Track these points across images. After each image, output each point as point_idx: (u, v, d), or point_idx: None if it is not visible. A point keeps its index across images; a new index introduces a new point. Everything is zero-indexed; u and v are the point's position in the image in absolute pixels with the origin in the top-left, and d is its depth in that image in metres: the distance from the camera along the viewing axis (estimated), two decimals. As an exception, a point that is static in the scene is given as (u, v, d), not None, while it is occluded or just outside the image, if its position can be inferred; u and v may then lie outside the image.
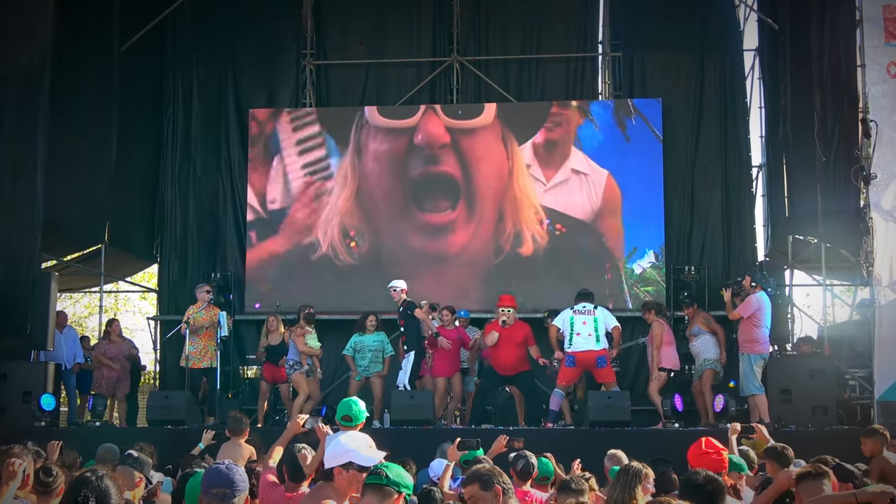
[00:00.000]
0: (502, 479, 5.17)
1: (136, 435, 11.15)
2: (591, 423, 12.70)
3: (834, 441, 11.29)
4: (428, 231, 17.65)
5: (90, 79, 16.25)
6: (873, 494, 4.79)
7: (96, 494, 4.05)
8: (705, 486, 4.92)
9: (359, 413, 7.63)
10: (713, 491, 4.87)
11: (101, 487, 4.07)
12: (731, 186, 17.61)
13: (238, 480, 4.44)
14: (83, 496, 4.02)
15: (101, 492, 4.07)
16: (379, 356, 14.19)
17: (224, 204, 18.53)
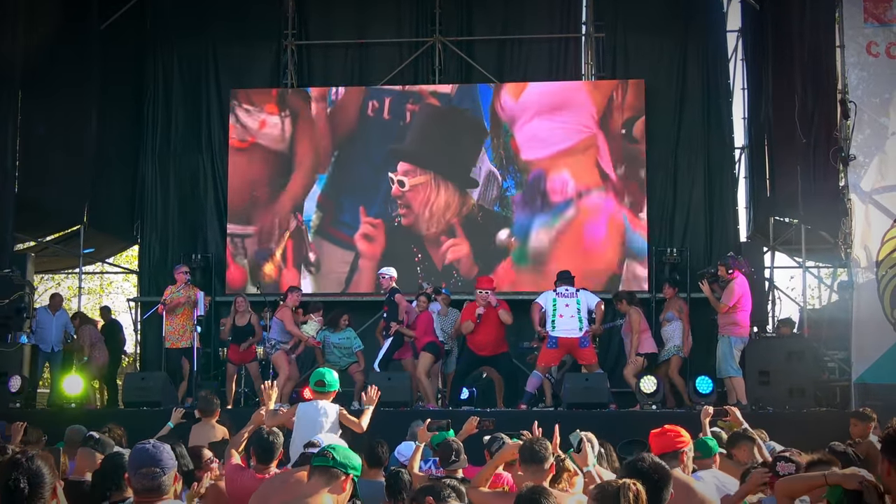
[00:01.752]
0: (436, 489, 5.20)
1: (110, 417, 11.07)
2: (568, 404, 12.68)
3: (812, 423, 11.32)
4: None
5: (68, 57, 16.07)
6: (843, 476, 4.74)
7: (28, 476, 3.96)
8: (650, 472, 4.84)
9: (332, 381, 7.62)
10: (658, 479, 4.82)
11: (31, 469, 3.98)
12: (714, 168, 17.54)
13: (166, 458, 4.40)
14: (13, 479, 3.93)
15: (33, 473, 3.98)
16: (347, 352, 14.33)
17: (205, 184, 18.43)
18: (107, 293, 29.60)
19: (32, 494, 3.94)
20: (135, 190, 18.74)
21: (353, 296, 17.28)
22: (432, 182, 17.40)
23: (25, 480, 3.94)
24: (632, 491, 4.14)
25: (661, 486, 4.72)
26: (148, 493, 4.39)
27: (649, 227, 17.08)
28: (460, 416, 9.70)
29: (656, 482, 4.70)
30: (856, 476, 4.64)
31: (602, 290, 15.99)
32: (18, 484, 3.92)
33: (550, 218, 17.14)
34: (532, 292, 15.79)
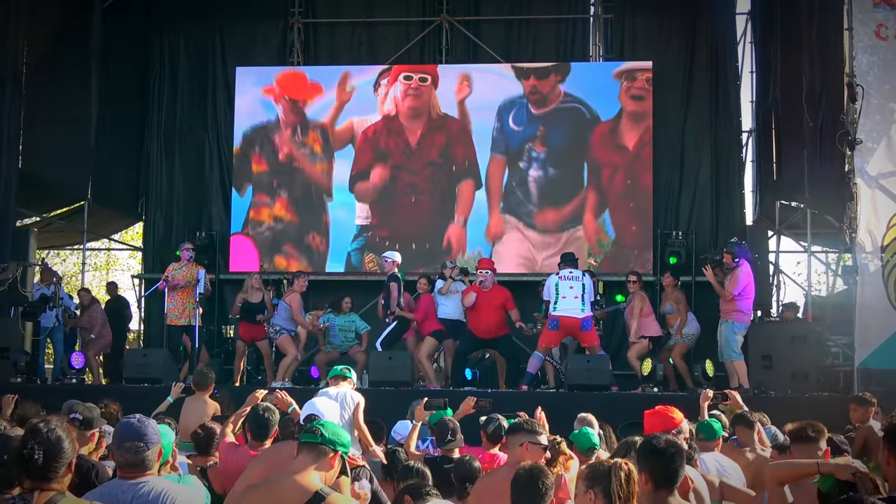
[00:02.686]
0: (412, 487, 5.20)
1: (110, 392, 11.07)
2: (569, 386, 12.64)
3: (814, 408, 11.24)
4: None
5: (72, 34, 16.05)
6: (836, 466, 4.70)
7: (45, 447, 3.89)
8: (667, 448, 4.82)
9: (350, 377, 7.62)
10: (674, 453, 4.79)
11: (50, 439, 3.91)
12: (721, 151, 17.46)
13: (150, 433, 4.37)
14: (29, 448, 3.87)
15: (51, 444, 3.90)
16: (350, 335, 14.26)
17: (210, 162, 18.41)
18: (112, 270, 29.64)
19: (46, 466, 3.88)
20: (140, 167, 18.73)
21: (360, 275, 17.28)
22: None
23: (41, 451, 3.87)
24: (623, 471, 4.12)
25: (677, 462, 4.69)
26: (131, 467, 4.36)
27: (655, 210, 17.01)
28: (459, 396, 9.69)
29: (672, 457, 4.67)
30: (849, 467, 4.60)
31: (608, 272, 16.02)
32: (33, 453, 3.86)
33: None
34: (534, 273, 15.85)
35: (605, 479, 4.10)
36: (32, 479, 3.88)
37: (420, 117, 17.48)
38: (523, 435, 5.87)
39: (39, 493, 3.86)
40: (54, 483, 3.91)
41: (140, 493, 4.28)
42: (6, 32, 14.30)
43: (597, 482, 4.12)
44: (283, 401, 6.97)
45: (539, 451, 5.79)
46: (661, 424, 6.10)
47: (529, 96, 17.30)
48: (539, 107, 17.31)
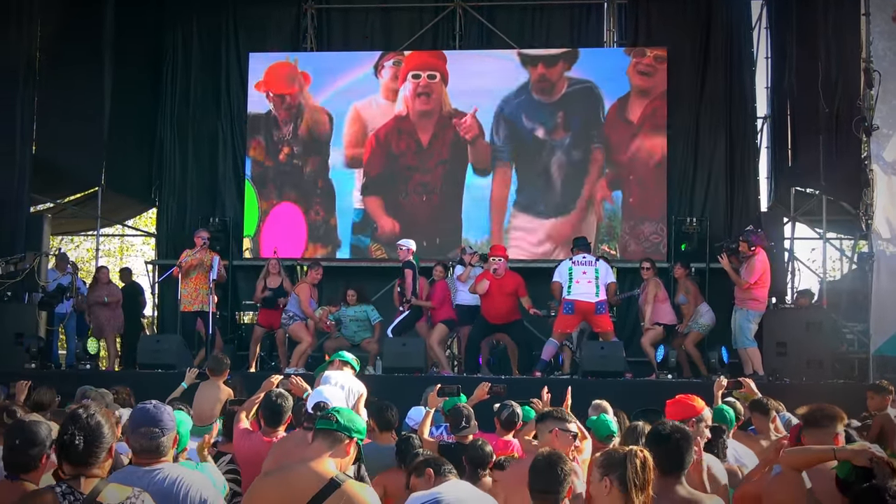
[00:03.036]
0: (435, 462, 5.34)
1: (123, 378, 11.09)
2: (583, 372, 12.62)
3: (829, 395, 11.19)
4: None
5: (85, 21, 16.04)
6: (852, 452, 4.66)
7: (85, 433, 3.90)
8: (672, 434, 4.81)
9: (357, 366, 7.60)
10: (680, 439, 4.77)
11: (90, 425, 3.92)
12: (736, 137, 17.36)
13: (166, 420, 4.36)
14: (70, 434, 3.88)
15: (91, 430, 3.91)
16: (363, 325, 14.24)
17: (224, 148, 18.39)
18: (125, 255, 29.69)
19: (86, 452, 3.89)
20: (153, 153, 18.73)
21: (372, 262, 17.30)
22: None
23: (81, 437, 3.88)
24: (639, 458, 4.09)
25: (683, 448, 4.68)
26: (147, 453, 4.35)
27: (669, 197, 16.95)
28: (472, 382, 9.67)
29: (678, 442, 4.66)
30: (866, 452, 4.56)
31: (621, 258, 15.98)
32: (74, 439, 3.86)
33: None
34: (546, 260, 15.82)
35: (621, 467, 4.07)
36: (73, 466, 3.89)
37: (431, 116, 17.44)
38: (552, 422, 5.85)
39: (84, 479, 3.87)
40: (95, 469, 3.92)
41: (155, 480, 4.27)
42: (20, 20, 14.30)
43: (612, 469, 4.09)
44: (298, 386, 6.96)
45: (568, 438, 5.77)
46: (682, 412, 6.08)
47: (536, 84, 17.22)
48: (546, 95, 17.23)
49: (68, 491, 3.81)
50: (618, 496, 4.05)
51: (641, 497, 4.04)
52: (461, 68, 17.49)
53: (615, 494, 4.06)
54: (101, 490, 3.85)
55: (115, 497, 3.87)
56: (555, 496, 4.43)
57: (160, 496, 4.21)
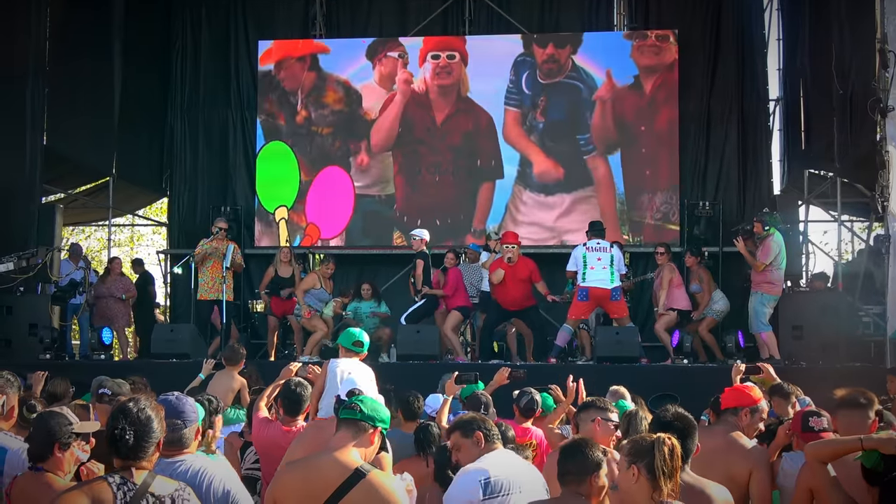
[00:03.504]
0: (485, 426, 5.08)
1: (138, 368, 11.08)
2: (598, 358, 12.58)
3: (845, 378, 11.12)
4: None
5: (94, 10, 16.05)
6: (879, 441, 4.63)
7: (135, 427, 3.87)
8: (673, 423, 4.79)
9: (367, 344, 7.57)
10: (683, 428, 4.75)
11: (140, 419, 3.89)
12: (748, 120, 17.22)
13: (188, 411, 4.34)
14: (121, 429, 3.84)
15: (141, 424, 3.88)
16: (378, 320, 14.31)
17: (234, 136, 18.35)
18: (136, 246, 29.72)
19: (136, 446, 3.87)
20: (164, 142, 18.71)
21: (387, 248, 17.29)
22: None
23: (132, 431, 3.85)
24: (667, 445, 4.07)
25: (685, 435, 4.66)
26: (168, 445, 4.33)
27: (681, 181, 16.87)
28: (489, 369, 9.64)
29: (681, 431, 4.64)
30: (893, 441, 4.52)
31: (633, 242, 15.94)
32: (124, 434, 3.84)
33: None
34: (560, 246, 15.77)
35: (649, 455, 4.05)
36: (122, 459, 3.87)
37: (448, 96, 17.35)
38: (595, 411, 5.83)
39: (135, 470, 3.86)
40: (144, 462, 3.90)
41: (178, 472, 4.26)
42: (29, 10, 14.27)
43: (640, 457, 4.07)
44: (316, 374, 6.92)
45: (610, 428, 5.75)
46: (736, 400, 6.03)
47: (542, 65, 17.16)
48: (551, 77, 17.18)
49: (122, 482, 3.81)
50: (646, 484, 4.04)
51: (670, 484, 4.03)
52: (479, 52, 17.47)
53: (643, 482, 4.04)
54: (150, 482, 3.85)
55: (164, 489, 3.87)
56: (583, 481, 4.41)
57: (183, 487, 4.21)
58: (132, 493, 3.79)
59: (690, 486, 4.55)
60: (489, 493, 4.79)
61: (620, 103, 17.00)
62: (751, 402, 6.11)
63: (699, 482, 4.63)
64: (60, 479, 4.58)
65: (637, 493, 4.07)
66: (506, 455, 5.10)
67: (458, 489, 4.88)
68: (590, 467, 4.41)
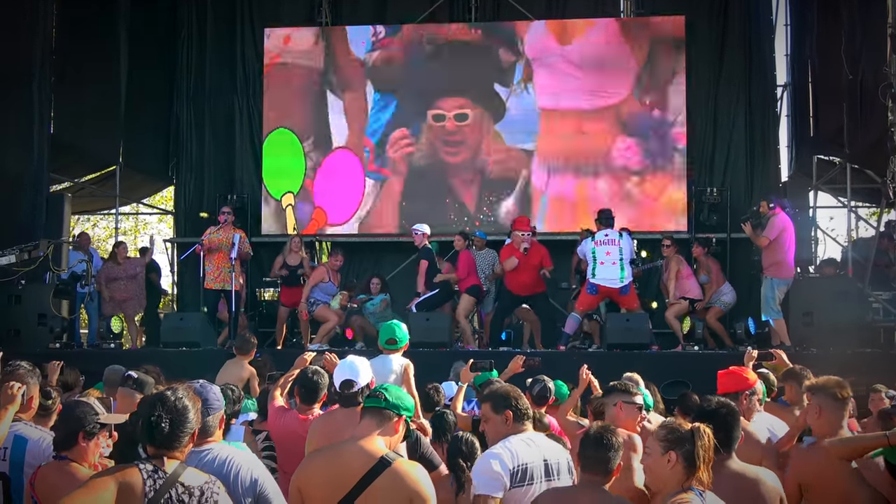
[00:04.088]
0: (518, 404, 5.04)
1: (148, 357, 11.07)
2: (608, 345, 12.54)
3: (856, 364, 11.12)
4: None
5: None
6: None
7: (171, 415, 3.85)
8: (718, 410, 4.79)
9: (403, 337, 7.53)
10: (726, 415, 4.75)
11: (177, 408, 3.87)
12: (756, 106, 17.19)
13: (212, 399, 4.33)
14: (157, 416, 3.82)
15: (178, 412, 3.87)
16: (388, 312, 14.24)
17: (240, 124, 18.34)
18: (142, 234, 29.70)
19: (171, 435, 3.85)
20: (170, 130, 18.69)
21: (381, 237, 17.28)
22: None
23: (168, 420, 3.84)
24: (707, 435, 4.10)
25: (730, 423, 4.66)
26: None
27: (689, 167, 16.82)
28: (502, 356, 9.64)
29: (725, 418, 4.65)
30: None
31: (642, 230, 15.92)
32: (161, 421, 3.82)
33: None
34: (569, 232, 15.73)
35: (689, 443, 4.09)
36: (157, 448, 3.85)
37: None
38: (617, 395, 5.84)
39: (167, 459, 3.84)
40: (177, 452, 3.88)
41: (205, 461, 4.25)
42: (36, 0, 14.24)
43: (678, 445, 4.11)
44: (332, 363, 6.90)
45: (634, 410, 5.76)
46: (735, 384, 6.06)
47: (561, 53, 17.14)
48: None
49: (153, 470, 3.79)
50: (681, 471, 4.07)
51: (706, 474, 4.05)
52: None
53: (678, 469, 4.07)
54: (181, 473, 3.83)
55: (195, 480, 3.85)
56: (604, 469, 4.41)
57: (210, 475, 4.20)
58: (162, 482, 3.77)
59: (737, 474, 4.57)
60: (514, 483, 4.77)
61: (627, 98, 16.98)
62: (748, 386, 6.12)
63: (746, 469, 4.65)
64: (84, 468, 4.58)
65: (670, 479, 4.12)
66: (538, 438, 5.06)
67: (487, 472, 4.82)
68: (608, 455, 4.41)
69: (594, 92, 16.95)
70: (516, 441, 4.90)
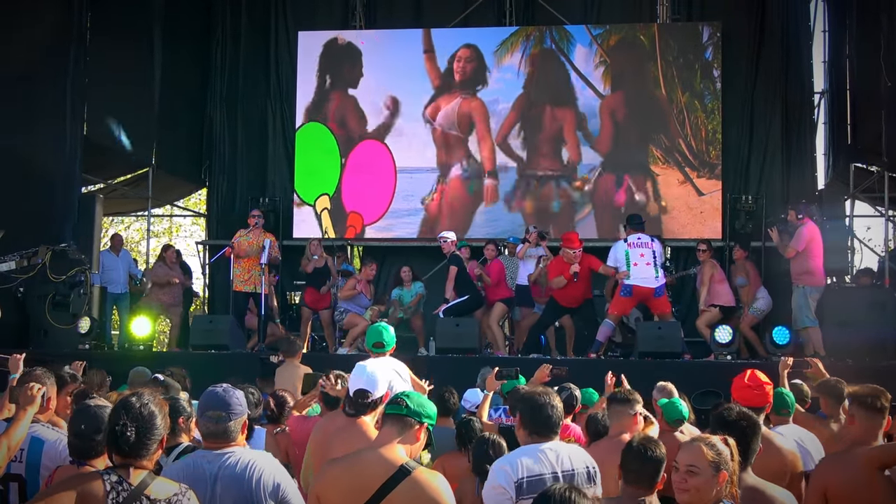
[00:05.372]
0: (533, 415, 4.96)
1: (177, 359, 11.06)
2: (640, 353, 12.39)
3: (892, 376, 10.93)
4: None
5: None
6: None
7: (137, 424, 3.73)
8: (738, 422, 4.68)
9: (390, 340, 7.45)
10: (746, 427, 4.64)
11: (143, 415, 3.76)
12: (792, 113, 16.99)
13: (234, 404, 4.27)
14: (122, 425, 3.71)
15: (144, 420, 3.76)
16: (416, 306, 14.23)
17: (274, 128, 18.36)
18: (175, 236, 29.82)
19: (138, 444, 3.74)
20: (203, 133, 18.72)
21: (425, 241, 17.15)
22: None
23: (133, 428, 3.73)
24: (733, 447, 4.02)
25: (750, 434, 4.56)
26: (213, 437, 4.26)
27: (724, 174, 16.66)
28: (529, 364, 9.54)
29: (744, 429, 4.56)
30: None
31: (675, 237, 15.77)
32: (125, 430, 3.71)
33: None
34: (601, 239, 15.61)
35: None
36: (123, 457, 3.75)
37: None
38: (617, 405, 5.78)
39: (133, 469, 3.74)
40: (145, 461, 3.78)
41: (226, 464, 4.21)
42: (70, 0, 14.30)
43: (726, 464, 4.04)
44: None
45: (630, 415, 5.72)
46: (755, 400, 5.85)
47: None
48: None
49: (118, 481, 3.68)
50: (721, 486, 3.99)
51: (735, 487, 3.96)
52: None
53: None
54: (149, 483, 3.72)
55: (162, 492, 3.74)
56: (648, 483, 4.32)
57: (232, 480, 4.15)
58: (126, 494, 3.65)
59: (753, 489, 4.47)
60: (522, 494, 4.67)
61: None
62: (768, 401, 5.96)
63: (761, 485, 4.55)
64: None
65: (714, 497, 4.04)
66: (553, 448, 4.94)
67: (490, 487, 4.77)
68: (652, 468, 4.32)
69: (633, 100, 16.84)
70: (525, 452, 4.82)
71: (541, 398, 4.97)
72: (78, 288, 13.20)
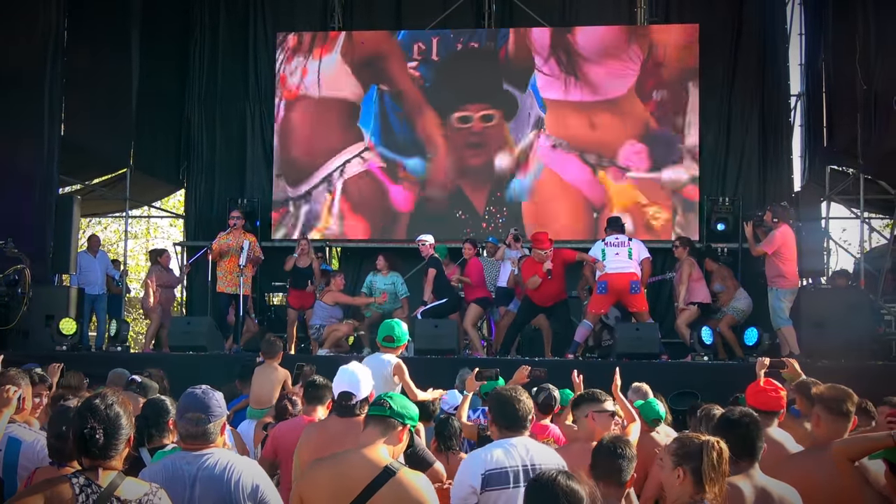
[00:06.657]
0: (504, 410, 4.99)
1: (155, 361, 11.03)
2: (618, 354, 12.44)
3: (867, 377, 11.01)
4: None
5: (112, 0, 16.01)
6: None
7: (105, 426, 3.73)
8: (741, 419, 4.72)
9: (401, 335, 7.45)
10: (749, 424, 4.68)
11: (109, 416, 3.75)
12: (769, 115, 17.12)
13: (214, 406, 4.28)
14: (90, 428, 3.70)
15: (110, 422, 3.75)
16: (392, 297, 14.18)
17: (252, 129, 18.33)
18: (153, 238, 29.72)
19: (107, 445, 3.74)
20: (181, 134, 18.67)
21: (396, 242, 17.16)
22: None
23: (102, 429, 3.72)
24: (715, 450, 4.01)
25: (754, 433, 4.59)
26: (192, 439, 4.27)
27: (701, 176, 16.74)
28: (509, 365, 9.56)
29: (748, 427, 4.59)
30: None
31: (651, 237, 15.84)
32: (94, 433, 3.71)
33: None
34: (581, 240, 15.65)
35: (697, 459, 4.01)
36: (93, 460, 3.74)
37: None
38: (587, 405, 5.77)
39: (102, 471, 3.74)
40: (114, 461, 3.78)
41: (205, 465, 4.22)
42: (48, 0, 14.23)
43: (687, 460, 4.03)
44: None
45: (606, 417, 5.69)
46: (769, 403, 5.91)
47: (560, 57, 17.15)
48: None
49: (86, 483, 3.68)
50: (691, 486, 3.98)
51: (716, 489, 3.96)
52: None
53: (687, 484, 3.99)
54: (118, 484, 3.72)
55: (133, 492, 3.74)
56: (618, 479, 4.36)
57: (211, 482, 4.16)
58: (96, 496, 3.66)
59: (758, 488, 4.51)
60: (486, 486, 4.73)
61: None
62: (783, 405, 6.01)
63: (768, 483, 4.59)
64: None
65: (681, 493, 4.05)
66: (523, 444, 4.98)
67: (460, 479, 4.83)
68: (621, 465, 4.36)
69: (608, 101, 16.88)
70: (497, 445, 4.90)
71: (508, 394, 5.09)
72: (15, 287, 13.04)
